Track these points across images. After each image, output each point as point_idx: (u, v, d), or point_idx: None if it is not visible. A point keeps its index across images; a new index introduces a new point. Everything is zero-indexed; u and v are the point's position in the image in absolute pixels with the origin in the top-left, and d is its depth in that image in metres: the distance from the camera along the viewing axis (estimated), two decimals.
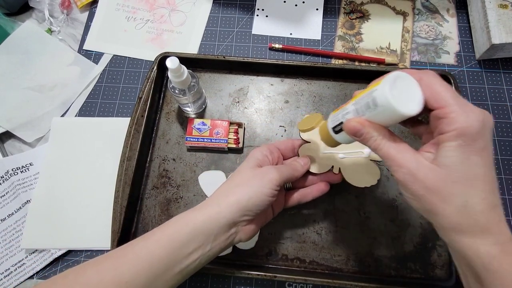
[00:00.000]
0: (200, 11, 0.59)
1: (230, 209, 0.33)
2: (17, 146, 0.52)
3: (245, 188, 0.34)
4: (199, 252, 0.31)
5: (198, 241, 0.31)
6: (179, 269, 0.31)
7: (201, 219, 0.32)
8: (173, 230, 0.32)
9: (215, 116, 0.51)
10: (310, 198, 0.41)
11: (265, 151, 0.38)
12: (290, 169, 0.38)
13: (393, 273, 0.43)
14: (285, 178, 0.36)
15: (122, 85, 0.55)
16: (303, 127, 0.38)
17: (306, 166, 0.40)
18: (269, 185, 0.34)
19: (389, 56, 0.55)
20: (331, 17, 0.58)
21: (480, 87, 0.52)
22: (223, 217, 0.32)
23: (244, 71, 0.53)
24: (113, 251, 0.31)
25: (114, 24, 0.59)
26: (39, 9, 0.60)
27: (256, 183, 0.34)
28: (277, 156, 0.40)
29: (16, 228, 0.47)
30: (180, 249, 0.31)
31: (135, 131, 0.47)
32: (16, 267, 0.45)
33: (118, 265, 0.29)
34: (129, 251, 0.31)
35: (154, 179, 0.48)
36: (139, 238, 0.32)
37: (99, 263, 0.30)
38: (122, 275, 0.29)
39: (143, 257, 0.30)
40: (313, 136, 0.42)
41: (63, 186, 0.48)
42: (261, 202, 0.34)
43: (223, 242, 0.33)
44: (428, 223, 0.44)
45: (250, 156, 0.38)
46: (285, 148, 0.41)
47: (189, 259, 0.31)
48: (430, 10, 0.57)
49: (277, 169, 0.36)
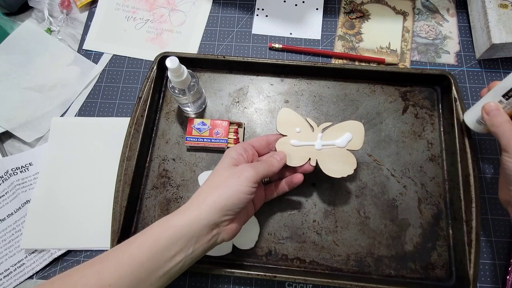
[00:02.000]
0: (200, 11, 0.59)
1: (209, 211, 0.33)
2: (16, 146, 0.52)
3: (222, 189, 0.34)
4: (182, 255, 0.32)
5: (180, 244, 0.32)
6: (163, 272, 0.31)
7: (181, 223, 0.32)
8: (154, 235, 0.32)
9: (215, 116, 0.51)
10: (287, 189, 0.43)
11: (239, 150, 0.39)
12: (266, 165, 0.38)
13: (393, 273, 0.43)
14: (262, 174, 0.36)
15: (122, 85, 0.55)
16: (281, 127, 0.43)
17: (282, 161, 0.40)
18: (246, 183, 0.34)
19: (389, 56, 0.54)
20: (331, 16, 0.58)
21: (480, 87, 0.52)
22: (203, 219, 0.33)
23: (244, 71, 0.52)
24: (97, 257, 0.32)
25: (113, 24, 0.59)
26: (39, 9, 0.60)
27: (233, 182, 0.34)
28: (252, 154, 0.40)
29: (16, 228, 0.47)
30: (162, 253, 0.31)
31: (135, 131, 0.47)
32: (15, 267, 0.45)
33: (101, 270, 0.30)
34: (112, 257, 0.31)
35: (154, 179, 0.48)
36: (122, 243, 0.33)
37: (84, 268, 0.31)
38: (106, 278, 0.29)
39: (125, 261, 0.30)
40: (290, 129, 0.43)
41: (63, 186, 0.48)
42: (240, 201, 0.34)
43: (206, 243, 0.34)
44: (429, 223, 0.44)
45: (225, 156, 0.38)
46: (259, 145, 0.42)
47: (172, 262, 0.32)
48: (430, 9, 0.57)
49: (253, 167, 0.36)
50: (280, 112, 0.43)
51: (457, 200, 0.43)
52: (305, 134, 0.43)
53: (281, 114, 0.43)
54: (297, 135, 0.42)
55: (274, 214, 0.46)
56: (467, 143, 0.44)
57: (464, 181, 0.43)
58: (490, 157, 0.48)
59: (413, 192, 0.46)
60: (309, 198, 0.46)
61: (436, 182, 0.46)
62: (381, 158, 0.48)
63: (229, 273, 0.41)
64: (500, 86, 0.38)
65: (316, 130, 0.43)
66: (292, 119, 0.43)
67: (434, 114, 0.49)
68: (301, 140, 0.42)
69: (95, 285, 0.29)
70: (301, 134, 0.43)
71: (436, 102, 0.50)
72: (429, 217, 0.45)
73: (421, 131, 0.49)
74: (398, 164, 0.47)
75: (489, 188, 0.47)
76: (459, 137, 0.45)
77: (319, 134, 0.42)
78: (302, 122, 0.43)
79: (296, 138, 0.42)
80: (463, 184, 0.43)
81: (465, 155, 0.44)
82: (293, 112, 0.44)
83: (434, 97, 0.50)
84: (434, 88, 0.51)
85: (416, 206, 0.45)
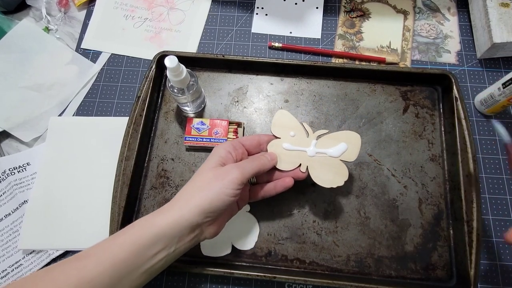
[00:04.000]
0: (199, 10, 0.59)
1: (192, 213, 0.33)
2: (14, 145, 0.52)
3: (206, 192, 0.34)
4: (164, 253, 0.32)
5: (162, 244, 0.32)
6: (144, 269, 0.32)
7: (164, 223, 0.32)
8: (136, 233, 0.32)
9: (214, 116, 0.50)
10: (274, 193, 0.41)
11: (228, 148, 0.38)
12: (255, 164, 0.37)
13: (393, 273, 0.43)
14: (248, 174, 0.36)
15: (120, 84, 0.54)
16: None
17: (273, 161, 0.40)
18: (231, 185, 0.34)
19: (390, 55, 0.54)
20: (331, 15, 0.57)
21: (481, 87, 0.52)
22: (186, 220, 0.33)
23: (244, 70, 0.52)
24: (78, 254, 0.32)
25: (112, 23, 0.58)
26: (37, 7, 0.59)
27: (217, 184, 0.34)
28: (241, 152, 0.39)
29: (13, 228, 0.47)
30: (144, 251, 0.31)
31: (134, 130, 0.47)
32: (13, 268, 0.45)
33: (82, 266, 0.30)
34: (92, 253, 0.31)
35: (153, 179, 0.48)
36: (103, 240, 0.33)
37: (65, 264, 0.31)
38: (85, 274, 0.30)
39: (106, 258, 0.30)
40: (284, 132, 0.42)
41: (61, 186, 0.48)
42: (223, 203, 0.34)
43: (188, 242, 0.34)
44: (429, 224, 0.44)
45: (213, 154, 0.37)
46: (250, 144, 0.41)
47: (154, 260, 0.32)
48: (431, 8, 0.57)
49: (239, 168, 0.35)
50: (277, 113, 0.43)
51: (458, 200, 0.43)
52: (299, 139, 0.42)
53: (277, 115, 0.43)
54: (290, 139, 0.42)
55: (273, 215, 0.45)
56: (468, 143, 0.44)
57: (465, 181, 0.43)
58: (491, 157, 0.48)
59: (414, 192, 0.46)
60: (309, 198, 0.46)
61: (437, 182, 0.46)
62: (382, 158, 0.47)
63: (228, 274, 0.41)
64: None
65: (311, 136, 0.42)
66: (288, 122, 0.42)
67: (435, 114, 0.49)
68: (294, 144, 0.41)
69: (75, 281, 0.29)
70: (295, 139, 0.42)
71: (437, 101, 0.50)
72: (429, 217, 0.44)
73: (422, 130, 0.48)
74: (399, 164, 0.47)
75: (489, 188, 0.46)
76: (460, 137, 0.45)
77: (313, 140, 0.41)
78: (297, 126, 0.42)
79: (289, 142, 0.41)
80: (464, 184, 0.43)
81: (466, 155, 0.44)
82: (290, 115, 0.43)
83: (435, 96, 0.50)
84: (435, 87, 0.50)
85: (417, 206, 0.45)
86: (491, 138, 0.49)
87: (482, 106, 0.49)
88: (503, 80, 0.45)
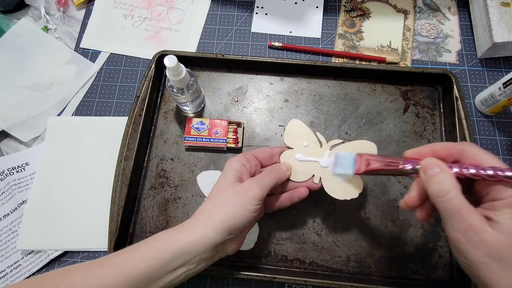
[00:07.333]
0: (199, 9, 0.58)
1: (216, 231, 0.32)
2: (12, 145, 0.51)
3: (228, 208, 0.33)
4: (184, 269, 0.32)
5: (183, 260, 0.32)
6: (163, 283, 0.31)
7: (187, 240, 0.32)
8: (159, 248, 0.32)
9: (213, 116, 0.50)
10: (289, 204, 0.40)
11: (242, 160, 0.38)
12: (273, 176, 0.37)
13: (393, 274, 0.42)
14: (267, 188, 0.36)
15: (120, 84, 0.54)
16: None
17: (288, 172, 0.40)
18: (253, 201, 0.34)
19: (390, 55, 0.54)
20: (331, 15, 0.57)
21: (481, 86, 0.51)
22: (210, 238, 0.32)
23: (243, 70, 0.52)
24: (98, 260, 0.32)
25: (111, 22, 0.58)
26: (35, 7, 0.59)
27: (239, 201, 0.34)
28: (255, 165, 0.39)
29: (12, 228, 0.46)
30: (165, 266, 0.31)
31: (133, 130, 0.47)
32: (11, 268, 0.44)
33: (102, 274, 0.30)
34: (113, 262, 0.31)
35: (152, 179, 0.47)
36: (124, 249, 0.33)
37: (87, 268, 0.31)
38: (105, 283, 0.30)
39: (126, 269, 0.30)
40: (297, 142, 0.41)
41: (60, 186, 0.48)
42: (246, 219, 0.34)
43: (210, 259, 0.34)
44: (430, 224, 0.44)
45: (228, 168, 0.37)
46: (263, 156, 0.40)
47: (174, 275, 0.32)
48: (432, 8, 0.57)
49: (259, 183, 0.35)
50: (290, 123, 0.42)
51: None
52: (312, 149, 0.41)
53: (290, 125, 0.42)
54: (303, 150, 0.41)
55: (273, 215, 0.45)
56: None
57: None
58: None
59: None
60: (309, 198, 0.45)
61: None
62: None
63: (228, 275, 0.41)
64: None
65: (324, 147, 0.41)
66: (300, 132, 0.42)
67: (435, 114, 0.49)
68: (307, 155, 0.40)
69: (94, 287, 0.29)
70: (308, 149, 0.41)
71: (437, 101, 0.50)
72: None
73: (422, 130, 0.48)
74: None
75: None
76: (461, 137, 0.44)
77: (327, 151, 0.40)
78: (311, 136, 0.41)
79: (302, 153, 0.41)
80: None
81: None
82: (303, 124, 0.42)
83: (435, 96, 0.50)
84: (436, 87, 0.50)
85: None
86: (491, 138, 0.49)
87: (483, 106, 0.49)
88: (503, 79, 0.45)
